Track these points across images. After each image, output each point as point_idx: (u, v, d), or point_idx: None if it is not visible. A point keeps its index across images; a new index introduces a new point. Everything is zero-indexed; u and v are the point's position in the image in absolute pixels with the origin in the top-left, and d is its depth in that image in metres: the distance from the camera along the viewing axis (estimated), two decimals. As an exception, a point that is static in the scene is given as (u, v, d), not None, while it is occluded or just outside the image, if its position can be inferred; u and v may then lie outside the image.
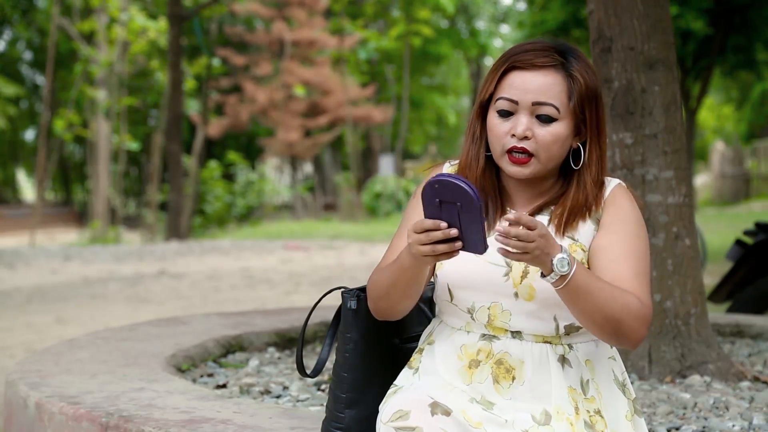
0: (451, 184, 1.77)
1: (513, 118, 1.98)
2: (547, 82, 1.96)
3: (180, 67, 19.27)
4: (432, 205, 1.81)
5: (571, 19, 14.64)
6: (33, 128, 35.82)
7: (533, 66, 1.97)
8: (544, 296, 1.95)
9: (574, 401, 1.96)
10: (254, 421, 2.48)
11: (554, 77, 1.97)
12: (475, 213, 1.77)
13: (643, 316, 1.91)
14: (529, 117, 1.96)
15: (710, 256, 10.58)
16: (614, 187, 2.04)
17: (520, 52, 1.99)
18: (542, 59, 1.97)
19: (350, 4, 28.80)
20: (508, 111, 1.98)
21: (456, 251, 1.82)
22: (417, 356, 2.09)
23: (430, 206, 1.81)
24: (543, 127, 1.96)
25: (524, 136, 1.96)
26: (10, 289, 10.52)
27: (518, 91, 1.97)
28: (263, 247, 16.41)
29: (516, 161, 1.97)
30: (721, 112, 36.07)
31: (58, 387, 2.90)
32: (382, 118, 30.73)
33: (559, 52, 1.99)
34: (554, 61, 1.97)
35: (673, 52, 3.51)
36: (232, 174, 28.82)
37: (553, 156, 1.98)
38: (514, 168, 1.98)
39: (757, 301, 5.34)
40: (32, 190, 40.02)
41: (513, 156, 1.97)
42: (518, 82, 1.97)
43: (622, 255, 1.96)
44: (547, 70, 1.97)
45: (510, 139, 1.97)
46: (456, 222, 1.80)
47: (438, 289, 2.07)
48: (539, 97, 1.95)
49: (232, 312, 4.66)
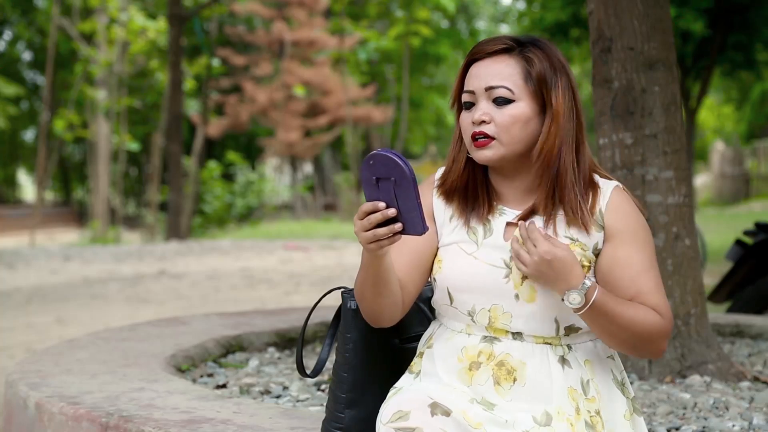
0: (383, 158, 1.77)
1: (474, 107, 2.02)
2: (498, 66, 2.00)
3: (180, 67, 19.27)
4: (370, 185, 1.81)
5: (571, 19, 14.63)
6: (33, 128, 35.82)
7: (486, 54, 2.02)
8: (545, 298, 1.96)
9: (574, 401, 1.96)
10: (254, 421, 2.48)
11: (506, 61, 2.00)
12: (408, 187, 1.77)
13: (665, 332, 1.97)
14: (486, 102, 2.00)
15: (710, 256, 10.59)
16: (614, 190, 2.04)
17: (477, 46, 2.04)
18: (493, 45, 2.02)
19: (350, 4, 28.78)
20: (470, 102, 2.03)
21: (396, 234, 1.83)
22: (417, 360, 2.09)
23: (368, 186, 1.81)
24: (500, 110, 1.99)
25: (482, 120, 1.99)
26: (10, 289, 10.52)
27: (473, 80, 2.02)
28: (263, 247, 16.41)
29: (477, 144, 2.00)
30: (721, 112, 36.07)
31: (58, 387, 2.90)
32: (382, 118, 30.73)
33: (514, 39, 2.03)
34: (505, 45, 2.01)
35: (673, 52, 3.51)
36: (231, 174, 28.83)
37: (515, 137, 1.99)
38: (478, 153, 2.01)
39: (757, 301, 5.34)
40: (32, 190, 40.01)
41: (475, 141, 2.00)
42: (474, 72, 2.02)
43: (642, 268, 1.99)
44: (499, 55, 2.01)
45: (472, 126, 2.01)
46: (393, 201, 1.80)
47: (437, 293, 2.07)
48: (490, 81, 1.99)
49: (232, 312, 4.66)
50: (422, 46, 29.82)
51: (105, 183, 26.30)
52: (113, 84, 24.82)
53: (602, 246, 2.01)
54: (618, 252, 1.99)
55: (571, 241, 2.00)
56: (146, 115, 30.01)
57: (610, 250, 2.00)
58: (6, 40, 35.02)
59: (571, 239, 2.00)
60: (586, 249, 2.00)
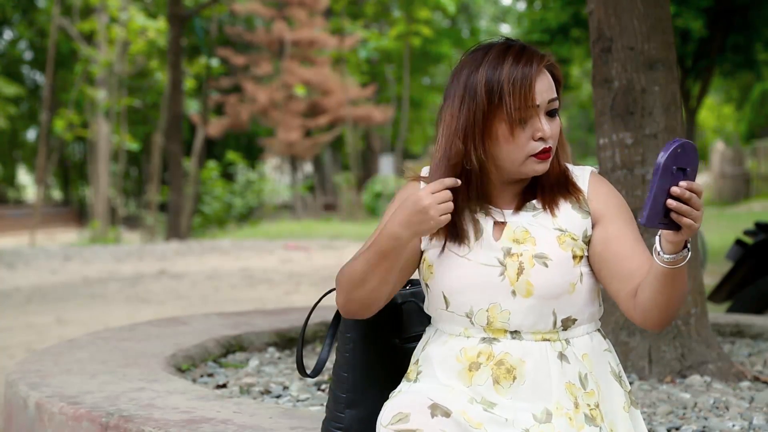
0: (691, 149, 1.76)
1: (529, 123, 1.98)
2: (546, 77, 2.00)
3: (180, 67, 19.27)
4: (667, 174, 1.76)
5: (571, 19, 14.64)
6: (33, 128, 35.81)
7: (540, 70, 1.99)
8: (542, 290, 1.96)
9: (573, 396, 1.96)
10: (254, 421, 2.48)
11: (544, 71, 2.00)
12: (693, 177, 1.77)
13: None
14: (543, 116, 1.99)
15: (710, 256, 10.58)
16: (590, 175, 2.08)
17: (526, 64, 1.98)
18: (541, 61, 1.99)
19: (350, 4, 28.81)
20: (524, 118, 1.98)
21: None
22: (413, 368, 2.07)
23: (666, 174, 1.76)
24: (553, 121, 2.00)
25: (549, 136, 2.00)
26: (10, 289, 10.53)
27: (537, 95, 1.97)
28: (263, 247, 16.42)
29: (544, 158, 1.99)
30: (721, 112, 36.08)
31: (58, 387, 2.90)
32: (382, 118, 30.75)
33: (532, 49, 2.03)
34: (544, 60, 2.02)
35: (673, 52, 3.51)
36: (231, 174, 28.83)
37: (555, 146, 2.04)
38: (540, 165, 2.00)
39: (757, 301, 5.35)
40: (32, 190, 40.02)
41: (541, 155, 1.99)
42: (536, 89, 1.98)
43: (636, 240, 2.01)
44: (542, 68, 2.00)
45: (534, 143, 1.98)
46: (664, 191, 1.76)
47: (431, 299, 2.06)
48: (550, 94, 1.99)
49: (232, 312, 4.66)
50: (422, 45, 29.83)
51: (105, 183, 26.31)
52: (113, 84, 24.83)
53: (592, 231, 2.03)
54: (609, 228, 2.02)
55: (561, 232, 2.01)
56: (146, 115, 30.04)
57: (600, 230, 2.03)
58: (7, 40, 35.02)
59: (561, 230, 2.01)
60: (576, 238, 2.01)
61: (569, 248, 1.99)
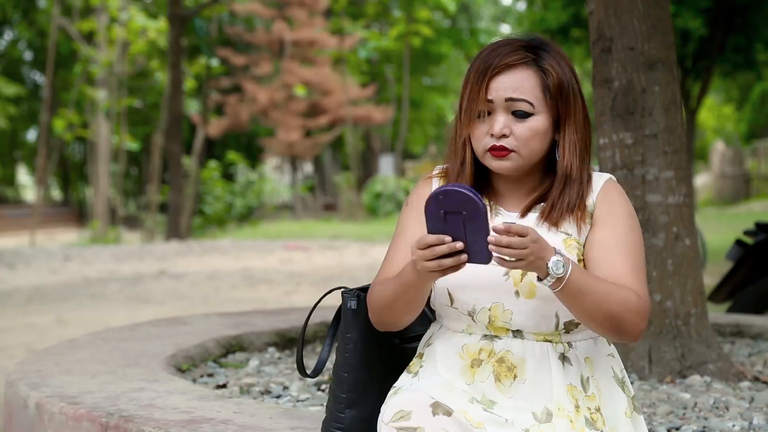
0: (456, 193, 1.76)
1: (490, 117, 2.00)
2: (517, 77, 1.99)
3: (180, 67, 19.27)
4: (436, 218, 1.79)
5: (571, 19, 14.64)
6: (33, 128, 35.81)
7: (506, 66, 1.99)
8: (545, 293, 1.96)
9: (574, 398, 1.96)
10: (254, 421, 2.48)
11: (524, 72, 2.00)
12: (480, 221, 1.77)
13: (641, 310, 1.94)
14: (504, 114, 1.99)
15: (710, 256, 10.59)
16: (605, 181, 2.06)
17: (494, 57, 2.00)
18: (511, 57, 1.99)
19: (350, 4, 28.80)
20: (484, 111, 2.01)
21: (462, 264, 1.83)
22: (417, 360, 2.09)
23: (433, 219, 1.80)
24: (520, 123, 1.99)
25: (502, 134, 1.98)
26: (10, 289, 10.53)
27: (492, 90, 1.99)
28: (263, 247, 16.42)
29: (496, 155, 2.00)
30: (721, 112, 36.07)
31: (58, 387, 2.90)
32: (382, 118, 30.74)
33: (529, 48, 2.02)
34: (525, 58, 2.00)
35: (673, 52, 3.51)
36: (232, 174, 28.83)
37: (534, 150, 2.01)
38: (496, 162, 2.01)
39: (757, 301, 5.35)
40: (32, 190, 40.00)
41: (494, 151, 2.00)
42: (492, 83, 2.00)
43: (618, 249, 1.99)
44: (517, 65, 2.00)
45: (489, 138, 2.00)
46: (461, 233, 1.79)
47: (437, 294, 2.07)
48: (511, 93, 1.98)
49: (232, 312, 4.66)
50: (423, 45, 29.82)
51: (105, 183, 26.30)
52: (113, 84, 24.82)
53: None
54: (597, 233, 2.01)
55: (567, 236, 2.01)
56: (146, 115, 30.03)
57: (590, 234, 2.03)
58: (7, 40, 35.02)
59: (566, 234, 2.02)
60: (581, 244, 2.02)
61: (574, 251, 2.00)
